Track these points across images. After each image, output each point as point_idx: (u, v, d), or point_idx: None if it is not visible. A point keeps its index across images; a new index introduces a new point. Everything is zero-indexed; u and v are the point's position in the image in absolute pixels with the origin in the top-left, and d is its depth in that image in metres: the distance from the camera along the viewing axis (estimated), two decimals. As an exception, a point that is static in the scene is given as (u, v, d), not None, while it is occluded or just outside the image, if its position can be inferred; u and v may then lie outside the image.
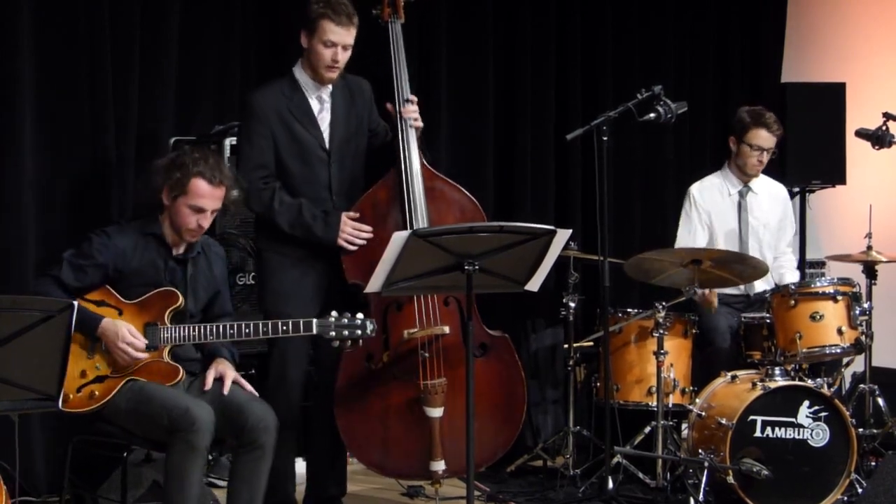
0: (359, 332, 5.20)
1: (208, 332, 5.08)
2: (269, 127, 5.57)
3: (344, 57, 5.59)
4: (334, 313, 5.19)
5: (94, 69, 6.09)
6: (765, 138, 6.85)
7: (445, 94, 7.39)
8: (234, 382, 5.16)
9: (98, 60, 6.10)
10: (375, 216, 5.68)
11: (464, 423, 5.34)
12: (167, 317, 5.07)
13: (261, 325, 5.13)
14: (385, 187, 5.71)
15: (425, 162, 5.75)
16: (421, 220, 5.62)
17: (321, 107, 5.69)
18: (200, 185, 5.10)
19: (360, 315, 5.22)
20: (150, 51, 6.33)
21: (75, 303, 4.29)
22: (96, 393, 5.01)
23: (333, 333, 5.17)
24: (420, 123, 5.78)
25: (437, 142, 7.32)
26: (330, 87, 5.69)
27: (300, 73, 5.68)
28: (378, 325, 5.56)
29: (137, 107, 6.27)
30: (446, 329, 5.64)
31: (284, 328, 5.13)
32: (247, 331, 5.09)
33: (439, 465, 5.66)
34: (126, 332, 5.00)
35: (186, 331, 5.07)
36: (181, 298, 5.10)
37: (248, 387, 5.20)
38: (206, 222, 5.16)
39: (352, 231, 5.59)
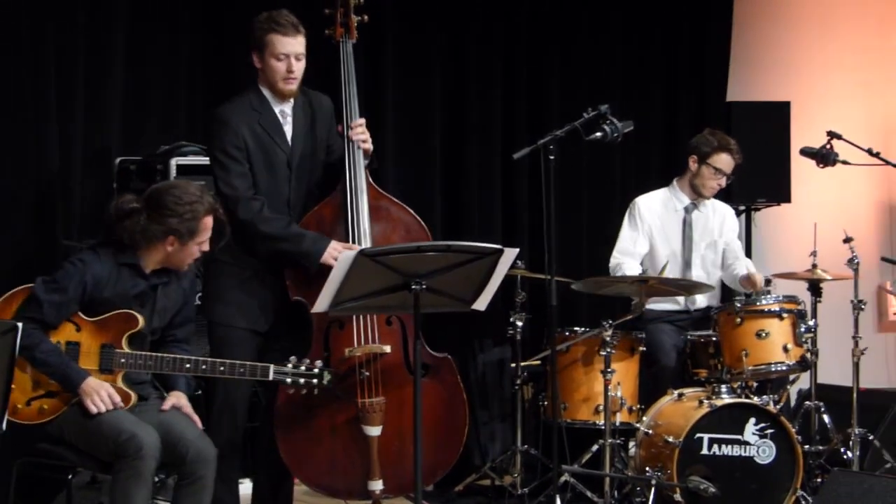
0: (315, 381, 5.21)
1: (164, 364, 5.06)
2: (244, 139, 5.51)
3: (298, 67, 5.56)
4: (293, 359, 5.21)
5: (37, 88, 6.05)
6: (727, 163, 6.90)
7: (392, 113, 7.39)
8: (181, 410, 5.15)
9: (42, 78, 6.06)
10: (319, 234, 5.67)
11: (402, 443, 5.35)
12: (124, 340, 5.02)
13: (217, 363, 5.12)
14: (330, 205, 5.68)
15: (372, 181, 5.74)
16: (364, 240, 5.60)
17: (283, 121, 5.65)
18: (209, 221, 5.12)
19: (318, 363, 5.25)
20: (95, 70, 6.29)
21: (20, 325, 4.26)
22: (45, 408, 4.97)
23: (290, 381, 5.19)
24: (368, 145, 5.75)
25: (384, 161, 7.30)
26: (291, 101, 5.65)
27: (263, 89, 5.63)
28: (319, 343, 5.56)
29: (83, 126, 6.23)
30: (386, 349, 5.62)
31: (241, 370, 5.14)
32: (203, 367, 5.10)
33: (377, 485, 5.61)
34: (110, 387, 4.96)
35: (143, 359, 5.04)
36: (141, 323, 5.04)
37: (196, 421, 5.17)
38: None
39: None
